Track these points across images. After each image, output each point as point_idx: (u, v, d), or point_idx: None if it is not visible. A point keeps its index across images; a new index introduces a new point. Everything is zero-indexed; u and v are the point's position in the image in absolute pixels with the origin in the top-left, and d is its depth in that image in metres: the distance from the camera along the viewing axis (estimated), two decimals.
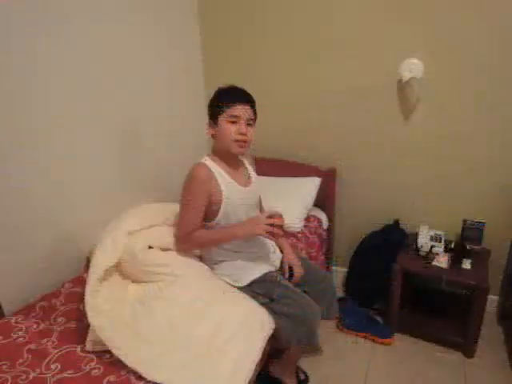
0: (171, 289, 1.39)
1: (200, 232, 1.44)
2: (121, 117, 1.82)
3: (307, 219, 2.16)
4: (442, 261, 1.86)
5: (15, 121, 1.38)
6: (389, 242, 2.07)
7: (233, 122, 1.39)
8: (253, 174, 1.59)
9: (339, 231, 2.41)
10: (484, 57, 1.80)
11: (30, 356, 1.20)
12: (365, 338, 1.99)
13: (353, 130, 2.16)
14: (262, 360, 1.31)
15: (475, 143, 1.93)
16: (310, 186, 2.19)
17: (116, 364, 1.16)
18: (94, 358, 1.20)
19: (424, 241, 1.96)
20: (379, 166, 2.17)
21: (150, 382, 1.11)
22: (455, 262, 1.87)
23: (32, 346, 1.24)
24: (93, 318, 1.22)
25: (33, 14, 1.38)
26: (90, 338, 1.23)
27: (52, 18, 1.45)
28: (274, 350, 1.52)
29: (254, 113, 1.46)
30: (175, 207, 1.56)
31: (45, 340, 1.27)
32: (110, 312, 1.30)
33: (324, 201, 2.28)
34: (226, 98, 1.41)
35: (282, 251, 1.66)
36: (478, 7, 1.75)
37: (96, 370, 1.16)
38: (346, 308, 2.06)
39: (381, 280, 2.01)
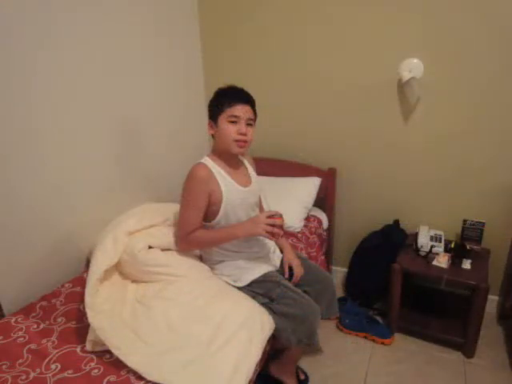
0: (171, 289, 1.39)
1: (200, 232, 1.44)
2: (121, 117, 1.82)
3: (307, 219, 2.17)
4: (442, 261, 1.86)
5: (15, 121, 1.37)
6: (389, 242, 2.07)
7: (233, 122, 1.39)
8: (253, 173, 1.59)
9: (339, 231, 2.41)
10: (484, 57, 1.80)
11: (30, 356, 1.20)
12: (365, 338, 1.99)
13: (353, 130, 2.16)
14: (262, 360, 1.31)
15: (475, 143, 1.93)
16: (309, 186, 2.19)
17: (116, 364, 1.16)
18: (94, 358, 1.20)
19: (424, 241, 1.95)
20: (379, 166, 2.17)
21: (149, 381, 1.11)
22: (455, 262, 1.87)
23: (32, 346, 1.24)
24: (93, 317, 1.22)
25: (33, 14, 1.38)
26: (89, 337, 1.23)
27: (52, 18, 1.45)
28: (274, 350, 1.53)
29: (254, 113, 1.45)
30: (175, 207, 1.56)
31: (45, 340, 1.27)
32: (109, 312, 1.30)
33: (324, 201, 2.29)
34: (225, 98, 1.40)
35: (281, 251, 1.66)
36: (478, 7, 1.75)
37: (96, 370, 1.16)
38: (346, 308, 2.06)
39: (381, 280, 2.01)
